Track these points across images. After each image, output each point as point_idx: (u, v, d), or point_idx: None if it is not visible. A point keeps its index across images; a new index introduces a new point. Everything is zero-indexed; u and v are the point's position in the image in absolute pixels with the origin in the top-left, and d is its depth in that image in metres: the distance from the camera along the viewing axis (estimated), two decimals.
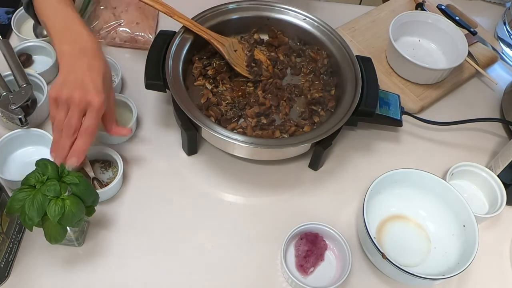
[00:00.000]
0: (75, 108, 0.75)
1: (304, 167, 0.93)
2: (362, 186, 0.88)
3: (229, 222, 0.86)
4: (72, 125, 0.75)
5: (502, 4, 1.29)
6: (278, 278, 0.81)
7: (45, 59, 1.01)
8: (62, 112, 0.76)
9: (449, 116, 1.01)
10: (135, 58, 1.04)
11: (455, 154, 0.99)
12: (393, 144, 0.99)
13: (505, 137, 1.03)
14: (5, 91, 0.87)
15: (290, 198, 0.90)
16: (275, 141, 0.85)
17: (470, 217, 0.81)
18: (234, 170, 0.92)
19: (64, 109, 0.76)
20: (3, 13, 1.08)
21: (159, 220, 0.84)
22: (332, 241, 0.83)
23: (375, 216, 0.86)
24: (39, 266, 0.78)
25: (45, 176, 0.68)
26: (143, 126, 0.95)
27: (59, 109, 0.76)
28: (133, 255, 0.80)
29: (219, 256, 0.82)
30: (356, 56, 0.93)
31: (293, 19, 0.99)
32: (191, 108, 0.82)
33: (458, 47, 1.05)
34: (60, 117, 0.76)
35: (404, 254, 0.83)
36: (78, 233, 0.78)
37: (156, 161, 0.91)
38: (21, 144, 0.88)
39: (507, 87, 1.07)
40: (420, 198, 0.87)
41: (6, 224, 0.75)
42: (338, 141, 0.96)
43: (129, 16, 1.05)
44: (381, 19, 1.16)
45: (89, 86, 0.76)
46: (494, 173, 0.91)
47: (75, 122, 0.75)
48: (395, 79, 1.06)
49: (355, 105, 0.86)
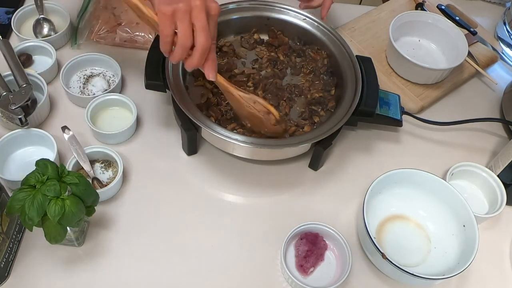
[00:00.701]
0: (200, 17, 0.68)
1: (304, 167, 0.93)
2: (362, 186, 0.88)
3: (229, 222, 0.86)
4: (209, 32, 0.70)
5: (502, 4, 1.29)
6: (278, 278, 0.81)
7: (45, 59, 1.01)
8: (184, 24, 0.68)
9: (449, 116, 1.01)
10: (135, 58, 1.04)
11: (455, 154, 0.99)
12: (393, 144, 0.99)
13: (505, 137, 1.03)
14: (5, 91, 0.87)
15: (290, 198, 0.90)
16: (275, 141, 0.85)
17: (470, 217, 0.81)
18: (234, 170, 0.92)
19: (185, 21, 0.68)
20: (3, 13, 1.08)
21: (159, 220, 0.84)
22: (332, 241, 0.83)
23: (375, 216, 0.86)
24: (39, 266, 0.78)
25: (45, 176, 0.68)
26: (143, 126, 0.95)
27: (180, 24, 0.68)
28: (133, 255, 0.81)
29: (219, 256, 0.82)
30: (356, 56, 0.93)
31: (293, 19, 0.99)
32: (191, 108, 0.82)
33: (458, 47, 1.05)
34: (183, 30, 0.68)
35: (404, 254, 0.83)
36: (78, 233, 0.78)
37: (156, 161, 0.91)
38: (21, 144, 0.88)
39: (507, 87, 1.07)
40: (420, 198, 0.87)
41: (6, 224, 0.75)
42: (338, 141, 0.96)
43: (129, 16, 1.05)
44: (381, 19, 1.16)
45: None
46: (494, 173, 0.91)
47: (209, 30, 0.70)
48: (395, 79, 1.06)
49: (355, 105, 0.86)
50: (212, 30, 0.71)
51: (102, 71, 1.01)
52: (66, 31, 1.04)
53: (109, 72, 1.01)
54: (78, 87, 0.98)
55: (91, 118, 0.91)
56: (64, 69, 0.96)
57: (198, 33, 0.70)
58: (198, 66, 0.73)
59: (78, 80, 0.99)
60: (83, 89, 0.98)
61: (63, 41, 1.05)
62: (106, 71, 1.01)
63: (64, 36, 1.04)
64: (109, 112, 0.95)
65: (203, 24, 0.69)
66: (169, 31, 0.69)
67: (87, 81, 0.99)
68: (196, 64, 0.72)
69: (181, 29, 0.69)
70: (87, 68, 1.01)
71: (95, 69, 1.01)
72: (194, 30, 0.69)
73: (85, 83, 0.99)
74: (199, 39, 0.70)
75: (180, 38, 0.70)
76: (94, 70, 1.01)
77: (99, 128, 0.92)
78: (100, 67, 1.01)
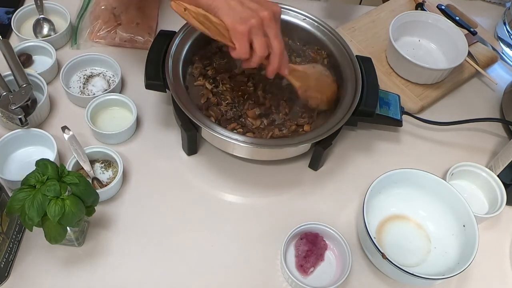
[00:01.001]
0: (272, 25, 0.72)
1: (304, 167, 0.93)
2: (362, 186, 0.88)
3: (229, 222, 0.86)
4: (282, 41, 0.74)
5: (502, 4, 1.29)
6: (278, 278, 0.81)
7: (45, 59, 1.01)
8: (260, 38, 0.72)
9: (449, 116, 1.01)
10: (135, 58, 1.04)
11: (455, 154, 0.99)
12: (393, 144, 0.99)
13: (505, 137, 1.03)
14: (5, 91, 0.87)
15: (290, 198, 0.90)
16: (275, 141, 0.85)
17: (470, 217, 0.81)
18: (234, 170, 0.92)
19: (260, 34, 0.72)
20: (3, 13, 1.08)
21: (159, 220, 0.84)
22: (332, 241, 0.83)
23: (375, 216, 0.86)
24: (39, 266, 0.78)
25: (45, 176, 0.68)
26: (143, 126, 0.95)
27: (257, 38, 0.72)
28: (132, 255, 0.80)
29: (219, 256, 0.82)
30: (356, 56, 0.93)
31: (293, 19, 0.99)
32: (191, 108, 0.82)
33: (458, 47, 1.05)
34: (261, 44, 0.72)
35: (404, 254, 0.83)
36: (78, 233, 0.78)
37: (156, 161, 0.91)
38: (21, 144, 0.88)
39: (507, 87, 1.07)
40: (420, 198, 0.87)
41: (6, 224, 0.75)
42: (338, 141, 0.96)
43: (129, 16, 1.05)
44: (381, 19, 1.16)
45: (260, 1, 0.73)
46: (494, 173, 0.91)
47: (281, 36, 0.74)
48: (395, 79, 1.06)
49: (355, 105, 0.86)
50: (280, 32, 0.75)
51: (102, 71, 1.01)
52: (66, 31, 1.04)
53: (109, 72, 1.01)
54: (78, 87, 0.98)
55: (91, 118, 0.91)
56: (64, 69, 0.96)
57: (273, 41, 0.74)
58: (279, 69, 0.77)
59: (78, 80, 0.99)
60: (83, 89, 0.98)
61: (63, 41, 1.05)
62: (106, 71, 1.01)
63: (64, 36, 1.04)
64: (109, 112, 0.95)
65: (275, 32, 0.73)
66: (247, 48, 0.73)
67: (87, 81, 0.99)
68: (277, 68, 0.77)
69: (258, 43, 0.72)
70: (87, 68, 1.01)
71: (95, 69, 1.01)
72: (269, 38, 0.73)
73: (85, 83, 0.99)
74: (274, 46, 0.74)
75: (258, 51, 0.73)
76: (94, 70, 1.01)
77: (99, 128, 0.92)
78: (100, 67, 1.01)
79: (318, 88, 0.88)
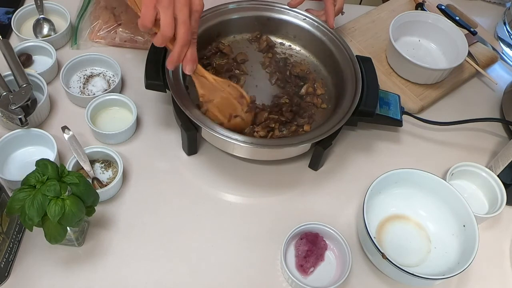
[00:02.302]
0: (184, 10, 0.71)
1: (304, 167, 0.93)
2: (362, 186, 0.88)
3: (229, 222, 0.86)
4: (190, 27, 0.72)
5: (502, 4, 1.29)
6: (278, 278, 0.81)
7: (45, 59, 1.01)
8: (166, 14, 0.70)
9: (449, 116, 1.01)
10: (135, 58, 1.04)
11: (455, 154, 0.99)
12: (393, 144, 0.99)
13: (505, 137, 1.03)
14: (5, 91, 0.87)
15: (290, 198, 0.90)
16: (275, 141, 0.85)
17: (470, 217, 0.81)
18: (234, 170, 0.92)
19: (168, 12, 0.70)
20: (3, 13, 1.08)
21: (159, 220, 0.84)
22: (332, 241, 0.83)
23: (375, 216, 0.86)
24: (39, 266, 0.78)
25: (45, 176, 0.68)
26: (143, 126, 0.95)
27: (163, 14, 0.70)
28: (133, 255, 0.80)
29: (219, 256, 0.82)
30: (356, 56, 0.93)
31: (293, 19, 0.99)
32: (191, 108, 0.82)
33: (458, 47, 1.05)
34: (165, 21, 0.70)
35: (404, 254, 0.83)
36: (78, 233, 0.78)
37: (156, 161, 0.91)
38: (21, 144, 0.88)
39: (507, 87, 1.07)
40: (420, 198, 0.87)
41: (6, 224, 0.75)
42: (338, 141, 0.96)
43: (129, 16, 1.05)
44: (381, 19, 1.16)
45: None
46: (494, 173, 0.91)
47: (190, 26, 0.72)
48: (395, 79, 1.06)
49: (355, 105, 0.86)
50: (193, 25, 0.73)
51: (102, 71, 1.01)
52: (66, 31, 1.04)
53: (109, 72, 1.01)
54: (78, 87, 0.98)
55: (91, 118, 0.91)
56: (64, 69, 0.96)
57: (179, 26, 0.72)
58: (179, 61, 0.75)
59: (78, 80, 0.99)
60: (83, 89, 0.98)
61: (63, 41, 1.05)
62: (106, 71, 1.01)
63: (64, 36, 1.04)
64: (109, 112, 0.95)
65: (184, 18, 0.71)
66: (151, 17, 0.71)
67: (87, 81, 0.99)
68: (176, 57, 0.74)
69: (163, 18, 0.71)
70: (87, 68, 1.01)
71: (95, 69, 1.01)
72: (176, 23, 0.71)
73: (85, 83, 0.99)
74: (179, 32, 0.72)
75: (162, 27, 0.71)
76: (94, 70, 1.01)
77: (99, 128, 0.92)
78: (100, 67, 1.01)
79: (220, 107, 0.83)
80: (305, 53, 1.01)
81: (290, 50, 1.01)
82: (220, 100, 0.83)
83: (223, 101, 0.84)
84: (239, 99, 0.84)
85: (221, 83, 0.83)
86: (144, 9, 0.71)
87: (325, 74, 0.98)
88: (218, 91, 0.83)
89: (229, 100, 0.84)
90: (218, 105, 0.83)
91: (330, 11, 0.95)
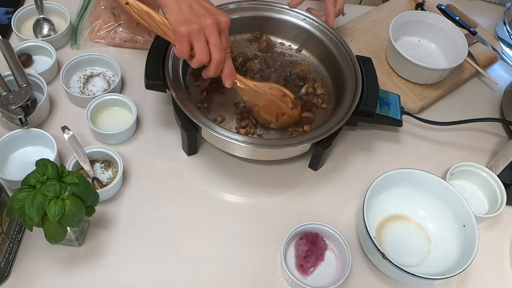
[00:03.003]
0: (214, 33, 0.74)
1: (304, 167, 0.93)
2: (362, 186, 0.88)
3: (229, 222, 0.86)
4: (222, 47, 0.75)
5: (502, 4, 1.29)
6: (278, 278, 0.81)
7: (45, 59, 1.01)
8: (200, 43, 0.74)
9: (449, 116, 1.01)
10: (135, 58, 1.04)
11: (455, 154, 0.99)
12: (393, 144, 0.99)
13: (505, 137, 1.03)
14: (5, 91, 0.87)
15: (290, 198, 0.90)
16: (275, 141, 0.85)
17: (470, 217, 0.81)
18: (234, 170, 0.92)
19: (201, 39, 0.74)
20: (3, 13, 1.08)
21: (159, 220, 0.84)
22: (332, 241, 0.83)
23: (375, 216, 0.86)
24: (39, 266, 0.78)
25: (45, 176, 0.68)
26: (143, 126, 0.95)
27: (197, 43, 0.74)
28: (133, 255, 0.81)
29: (219, 256, 0.82)
30: (356, 56, 0.93)
31: (293, 19, 0.99)
32: (191, 108, 0.82)
33: (458, 47, 1.05)
34: (200, 49, 0.74)
35: (404, 254, 0.83)
36: (78, 233, 0.78)
37: (156, 161, 0.91)
38: (21, 144, 0.88)
39: (507, 87, 1.07)
40: (420, 198, 0.87)
41: (6, 224, 0.75)
42: (338, 141, 0.96)
43: (129, 16, 1.05)
44: (381, 19, 1.16)
45: (209, 9, 0.76)
46: (494, 173, 0.91)
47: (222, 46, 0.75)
48: (395, 79, 1.06)
49: (355, 105, 0.86)
50: (224, 42, 0.76)
51: (102, 71, 1.01)
52: (66, 31, 1.04)
53: (109, 72, 1.01)
54: (78, 87, 0.98)
55: (91, 118, 0.91)
56: (64, 69, 0.96)
57: (212, 50, 0.75)
58: (215, 76, 0.79)
59: (78, 80, 0.99)
60: (83, 89, 0.98)
61: (63, 41, 1.05)
62: (106, 71, 1.01)
63: (64, 36, 1.04)
64: (109, 112, 0.95)
65: (216, 41, 0.75)
66: (187, 49, 0.75)
67: (87, 81, 0.99)
68: (212, 75, 0.78)
69: (197, 47, 0.74)
70: (87, 68, 1.01)
71: (95, 69, 1.01)
72: (209, 46, 0.75)
73: (85, 83, 0.99)
74: (213, 55, 0.76)
75: (197, 55, 0.75)
76: (94, 70, 1.01)
77: (99, 128, 0.92)
78: (100, 67, 1.01)
79: (266, 109, 0.87)
80: (305, 53, 1.01)
81: (290, 50, 1.01)
82: (265, 103, 0.86)
83: (268, 103, 0.86)
84: (282, 99, 0.87)
85: (262, 87, 0.86)
86: (179, 45, 0.75)
87: (325, 74, 0.98)
88: (261, 95, 0.86)
89: (273, 102, 0.86)
90: (264, 108, 0.87)
91: (330, 11, 0.95)
